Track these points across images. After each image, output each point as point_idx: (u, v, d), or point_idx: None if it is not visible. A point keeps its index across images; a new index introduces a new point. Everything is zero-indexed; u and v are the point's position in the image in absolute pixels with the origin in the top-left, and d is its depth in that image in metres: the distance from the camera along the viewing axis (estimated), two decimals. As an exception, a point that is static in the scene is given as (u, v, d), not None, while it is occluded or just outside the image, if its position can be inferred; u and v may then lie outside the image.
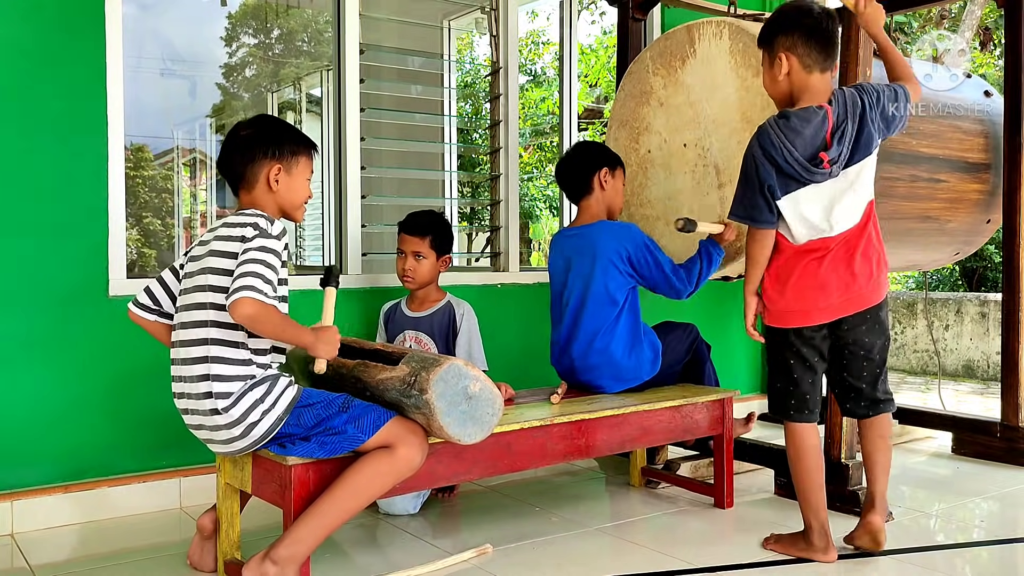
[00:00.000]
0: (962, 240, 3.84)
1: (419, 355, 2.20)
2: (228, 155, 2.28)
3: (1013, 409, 3.59)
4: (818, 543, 2.47)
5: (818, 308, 2.44)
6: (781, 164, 2.35)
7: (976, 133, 3.63)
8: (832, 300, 2.43)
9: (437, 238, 3.10)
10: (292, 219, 2.33)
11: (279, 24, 7.29)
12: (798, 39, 2.40)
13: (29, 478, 2.79)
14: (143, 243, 6.91)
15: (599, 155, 3.14)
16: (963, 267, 8.36)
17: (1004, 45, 3.65)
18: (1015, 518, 2.97)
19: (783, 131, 2.35)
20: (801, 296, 2.44)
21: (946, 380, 6.49)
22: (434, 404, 2.09)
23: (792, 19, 2.43)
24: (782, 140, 2.34)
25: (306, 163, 2.32)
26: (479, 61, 9.84)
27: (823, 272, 2.42)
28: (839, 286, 2.42)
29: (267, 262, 2.06)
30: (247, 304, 1.98)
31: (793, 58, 2.41)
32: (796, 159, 2.33)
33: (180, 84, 7.06)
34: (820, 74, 2.40)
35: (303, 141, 2.33)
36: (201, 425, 2.16)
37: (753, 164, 2.40)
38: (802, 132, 2.33)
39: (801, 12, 2.43)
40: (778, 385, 2.55)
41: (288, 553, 2.05)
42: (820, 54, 2.39)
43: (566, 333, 3.06)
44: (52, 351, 2.82)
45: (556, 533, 2.72)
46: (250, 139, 2.27)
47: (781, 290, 2.47)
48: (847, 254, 2.42)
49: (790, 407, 2.52)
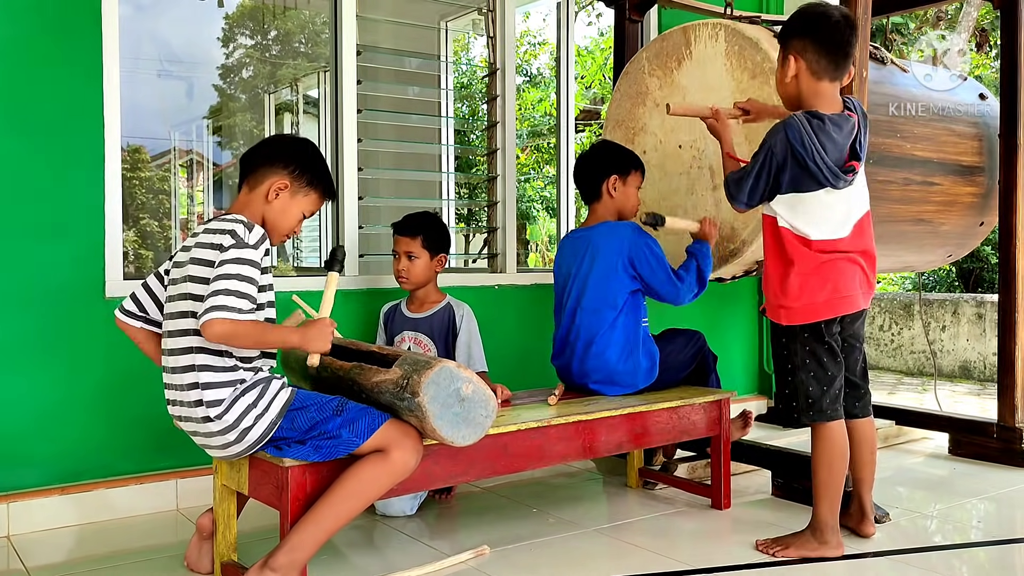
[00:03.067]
0: (955, 242, 3.84)
1: (412, 357, 2.19)
2: (255, 150, 2.28)
3: (1009, 410, 3.59)
4: (832, 540, 2.49)
5: (846, 297, 2.47)
6: (808, 163, 2.34)
7: (970, 136, 3.64)
8: (853, 290, 2.48)
9: (429, 238, 3.10)
10: (270, 239, 2.21)
11: (276, 25, 7.28)
12: (809, 44, 2.38)
13: (25, 479, 2.79)
14: (140, 244, 6.89)
15: (610, 162, 3.09)
16: (959, 268, 8.37)
17: (1000, 46, 3.65)
18: (1012, 518, 2.97)
19: (816, 132, 2.33)
20: (829, 287, 2.45)
21: (943, 381, 6.50)
22: (426, 407, 2.08)
23: (808, 23, 2.40)
24: (813, 140, 2.32)
25: (313, 199, 2.29)
26: (475, 62, 9.84)
27: (847, 266, 2.46)
28: (860, 279, 2.49)
29: (241, 275, 2.03)
30: (216, 324, 1.96)
31: (802, 62, 2.39)
32: (825, 162, 2.34)
33: (177, 85, 7.05)
34: (830, 83, 2.39)
35: (325, 181, 2.31)
36: (196, 432, 2.15)
37: (771, 154, 2.38)
38: (835, 138, 2.34)
39: (819, 18, 2.39)
40: (811, 388, 2.51)
41: (287, 560, 2.05)
42: (830, 64, 2.37)
43: (564, 334, 3.06)
44: (48, 352, 2.81)
45: (553, 534, 2.72)
46: (283, 147, 2.28)
47: (806, 285, 2.45)
48: (860, 251, 2.48)
49: (826, 407, 2.49)
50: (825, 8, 2.43)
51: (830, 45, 2.37)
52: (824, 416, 2.50)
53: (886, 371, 7.14)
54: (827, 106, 2.39)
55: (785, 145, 2.36)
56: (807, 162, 2.33)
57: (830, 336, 2.52)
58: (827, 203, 2.41)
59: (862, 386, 2.65)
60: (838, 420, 2.52)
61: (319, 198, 2.32)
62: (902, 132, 3.34)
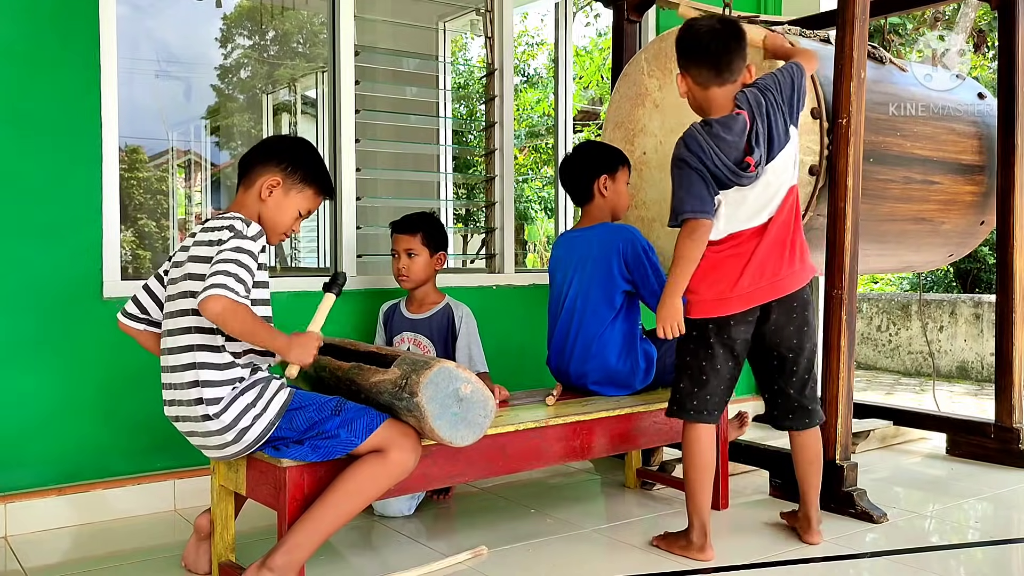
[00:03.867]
0: (956, 242, 3.85)
1: (411, 357, 2.19)
2: (252, 151, 2.29)
3: (1007, 410, 3.60)
4: (697, 541, 2.51)
5: (734, 296, 2.45)
6: (711, 168, 2.39)
7: (970, 135, 3.64)
8: (746, 287, 2.45)
9: (428, 234, 3.11)
10: (267, 238, 2.22)
11: (274, 26, 7.28)
12: (686, 61, 2.46)
13: (22, 480, 2.78)
14: (138, 245, 6.88)
15: (598, 162, 3.11)
16: (957, 268, 8.38)
17: (998, 47, 3.66)
18: (1010, 519, 2.97)
19: (710, 137, 2.40)
20: (716, 284, 2.47)
21: (940, 381, 6.51)
22: (425, 407, 2.08)
23: (680, 42, 2.49)
24: (710, 145, 2.39)
25: (309, 197, 2.30)
26: (473, 63, 9.84)
27: (738, 261, 2.45)
28: (755, 274, 2.45)
29: (240, 261, 2.04)
30: (216, 300, 1.95)
31: (688, 77, 2.47)
32: (725, 163, 2.38)
33: (175, 85, 7.04)
34: (719, 88, 2.43)
35: (321, 179, 2.31)
36: (193, 432, 2.15)
37: (686, 165, 2.43)
38: (726, 138, 2.38)
39: (684, 36, 2.48)
40: (681, 384, 2.56)
41: (284, 561, 2.05)
42: (709, 71, 2.42)
43: (562, 336, 3.06)
44: (46, 353, 2.81)
45: (551, 535, 2.72)
46: (277, 146, 2.28)
47: (701, 281, 2.48)
48: (763, 243, 2.45)
49: (689, 407, 2.54)
50: (691, 23, 2.51)
51: (702, 55, 2.42)
52: (686, 415, 2.54)
53: (884, 371, 7.15)
54: (722, 110, 2.44)
55: (688, 153, 2.43)
56: (707, 165, 2.39)
57: (719, 339, 2.50)
58: (736, 201, 2.43)
59: (799, 401, 2.57)
60: (703, 424, 2.52)
61: (315, 195, 2.31)
62: (902, 131, 3.34)
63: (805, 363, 2.55)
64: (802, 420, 2.59)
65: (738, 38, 2.43)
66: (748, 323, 2.50)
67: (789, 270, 2.47)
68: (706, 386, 2.52)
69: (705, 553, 2.49)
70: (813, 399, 2.60)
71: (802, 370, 2.56)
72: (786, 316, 2.50)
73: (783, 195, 2.46)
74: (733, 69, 2.43)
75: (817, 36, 3.46)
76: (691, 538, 2.52)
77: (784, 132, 2.45)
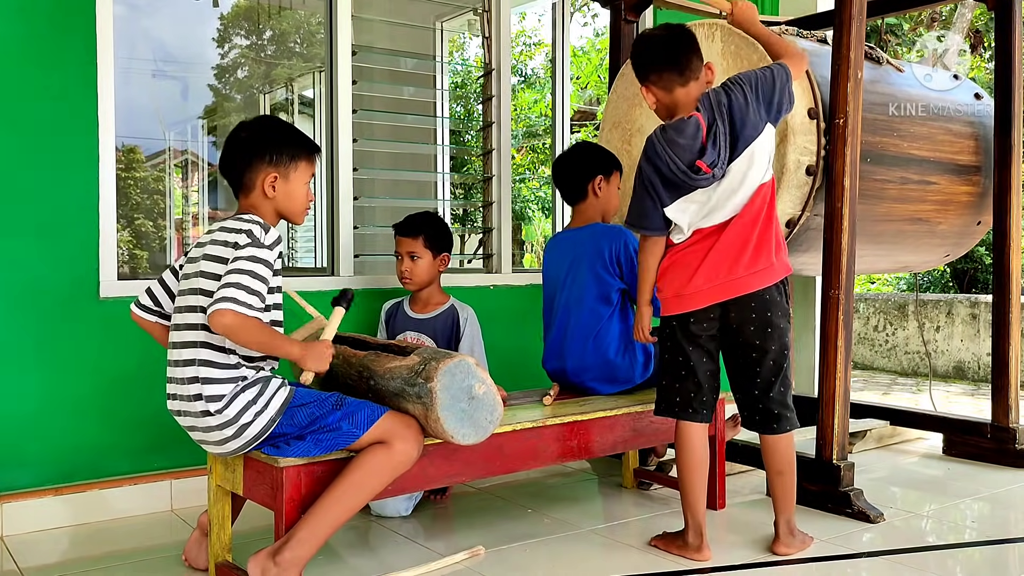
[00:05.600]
0: (953, 242, 3.85)
1: (432, 349, 2.25)
2: (227, 158, 2.27)
3: (1003, 410, 3.60)
4: (693, 542, 2.51)
5: (691, 294, 2.46)
6: (666, 173, 2.41)
7: (966, 135, 3.64)
8: (701, 285, 2.45)
9: (430, 237, 3.11)
10: (293, 223, 2.32)
11: (271, 25, 7.27)
12: (646, 72, 2.48)
13: (19, 480, 2.78)
14: (135, 244, 6.87)
15: (594, 162, 3.12)
16: (954, 269, 8.40)
17: (995, 47, 3.66)
18: (1006, 518, 2.98)
19: (664, 142, 2.42)
20: (675, 282, 2.49)
21: (937, 381, 6.52)
22: (437, 394, 2.10)
23: (635, 58, 2.51)
24: (664, 150, 2.40)
25: (306, 167, 2.29)
26: (470, 63, 9.84)
27: (694, 259, 2.46)
28: (709, 273, 2.44)
29: (255, 272, 2.05)
30: (226, 315, 1.97)
31: (653, 88, 2.48)
32: (679, 167, 2.39)
33: (172, 85, 7.04)
34: (682, 88, 2.44)
35: (303, 144, 2.29)
36: (194, 427, 2.16)
37: (641, 175, 2.48)
38: (678, 141, 2.39)
39: (638, 48, 2.51)
40: (663, 381, 2.58)
41: (292, 556, 2.05)
42: (672, 72, 2.43)
43: (559, 335, 3.06)
44: (43, 352, 2.80)
45: (549, 534, 2.72)
46: (248, 144, 2.25)
47: (662, 280, 2.53)
48: (720, 242, 2.43)
49: (675, 405, 2.55)
50: (644, 33, 2.57)
51: (661, 59, 2.44)
52: (672, 412, 2.56)
53: (881, 371, 7.16)
54: (687, 111, 2.45)
55: (645, 162, 2.46)
56: (662, 171, 2.42)
57: (685, 336, 2.50)
58: (702, 200, 2.43)
59: (763, 403, 2.49)
60: (686, 422, 2.53)
61: (308, 162, 2.30)
62: (899, 131, 3.34)
63: (770, 365, 2.47)
64: (768, 424, 2.50)
65: (689, 37, 2.47)
66: (711, 320, 2.48)
67: (749, 270, 2.42)
68: (685, 382, 2.53)
69: (702, 553, 2.49)
70: (781, 404, 2.49)
71: (766, 372, 2.47)
72: (745, 316, 2.45)
73: (749, 194, 2.41)
74: (692, 67, 2.44)
75: (814, 36, 3.46)
76: (687, 538, 2.52)
77: (753, 130, 2.41)
